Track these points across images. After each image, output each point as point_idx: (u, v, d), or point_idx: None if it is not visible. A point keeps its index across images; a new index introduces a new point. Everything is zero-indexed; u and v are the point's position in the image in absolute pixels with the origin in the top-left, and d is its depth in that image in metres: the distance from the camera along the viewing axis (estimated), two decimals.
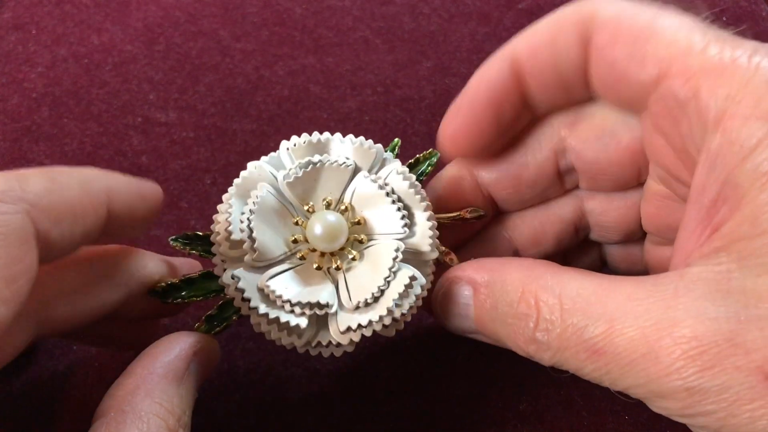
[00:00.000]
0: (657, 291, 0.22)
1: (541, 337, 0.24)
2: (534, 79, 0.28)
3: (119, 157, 0.41)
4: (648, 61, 0.25)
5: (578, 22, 0.26)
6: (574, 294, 0.23)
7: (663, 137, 0.26)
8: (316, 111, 0.43)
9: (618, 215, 0.31)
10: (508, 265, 0.26)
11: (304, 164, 0.27)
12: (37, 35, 0.46)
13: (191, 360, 0.25)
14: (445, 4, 0.48)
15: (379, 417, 0.33)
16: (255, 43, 0.46)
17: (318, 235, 0.26)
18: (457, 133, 0.29)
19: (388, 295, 0.26)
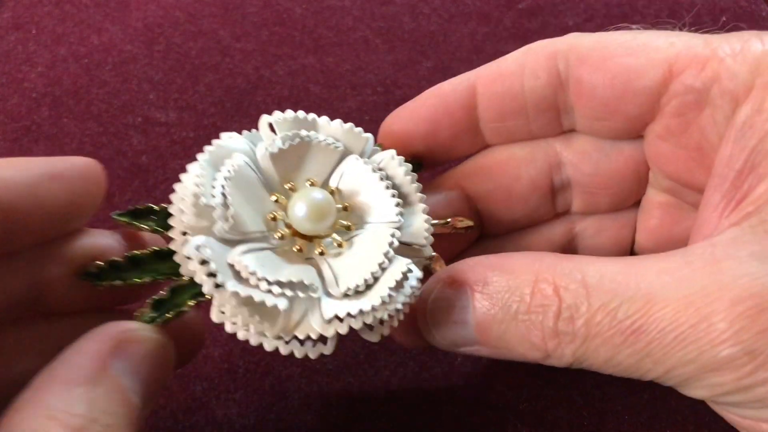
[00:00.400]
0: (692, 260, 0.21)
1: (565, 327, 0.21)
2: (488, 105, 0.28)
3: (119, 157, 0.41)
4: (649, 66, 0.25)
5: (549, 56, 0.27)
6: (598, 273, 0.21)
7: (672, 142, 0.25)
8: (316, 111, 0.43)
9: (611, 236, 0.30)
10: (509, 258, 0.23)
11: (290, 136, 0.24)
12: (37, 35, 0.46)
13: (113, 356, 0.20)
14: (445, 4, 0.48)
15: (379, 417, 0.33)
16: (255, 43, 0.46)
17: (302, 215, 0.23)
18: (395, 132, 0.28)
19: (383, 283, 0.22)
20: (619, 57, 0.25)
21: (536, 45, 0.27)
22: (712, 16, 0.48)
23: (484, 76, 0.28)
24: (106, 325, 0.21)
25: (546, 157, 0.29)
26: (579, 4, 0.48)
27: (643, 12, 0.48)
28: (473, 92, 0.28)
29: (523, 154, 0.29)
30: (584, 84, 0.26)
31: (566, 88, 0.27)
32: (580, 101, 0.27)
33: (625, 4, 0.48)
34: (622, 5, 0.48)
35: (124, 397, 0.20)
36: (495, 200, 0.29)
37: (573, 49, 0.26)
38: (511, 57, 0.28)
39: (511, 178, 0.29)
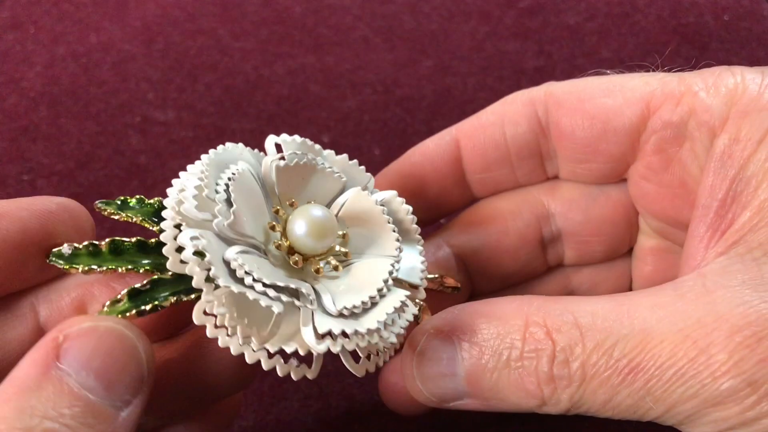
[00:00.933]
0: (684, 293, 0.20)
1: (560, 371, 0.21)
2: (472, 157, 0.28)
3: (118, 157, 0.41)
4: (627, 105, 0.25)
5: (527, 103, 0.27)
6: (590, 315, 0.21)
7: (656, 181, 0.26)
8: (315, 110, 0.43)
9: (608, 288, 0.30)
10: (497, 303, 0.22)
11: (298, 155, 0.23)
12: (35, 34, 0.46)
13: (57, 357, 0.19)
14: (445, 2, 0.48)
15: (379, 417, 0.33)
16: (254, 42, 0.46)
17: (301, 232, 0.22)
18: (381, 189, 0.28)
19: (381, 308, 0.22)
20: (596, 98, 0.26)
21: (513, 95, 0.28)
22: (713, 15, 0.48)
23: (465, 129, 0.28)
24: (53, 329, 0.20)
25: (532, 209, 0.29)
26: (580, 2, 0.48)
27: (644, 11, 0.48)
28: (457, 146, 0.28)
29: (509, 208, 0.29)
30: (564, 127, 0.27)
31: (547, 133, 0.28)
32: (561, 144, 0.27)
33: (626, 3, 0.48)
34: (623, 4, 0.48)
35: (71, 396, 0.19)
36: (484, 257, 0.29)
37: (550, 95, 0.27)
38: (489, 109, 0.28)
39: (498, 233, 0.29)
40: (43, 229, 0.22)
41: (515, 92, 0.28)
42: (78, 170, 0.40)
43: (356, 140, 0.42)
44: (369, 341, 0.21)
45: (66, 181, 0.40)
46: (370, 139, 0.42)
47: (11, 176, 0.40)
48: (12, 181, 0.40)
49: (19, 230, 0.22)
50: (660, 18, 0.47)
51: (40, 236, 0.22)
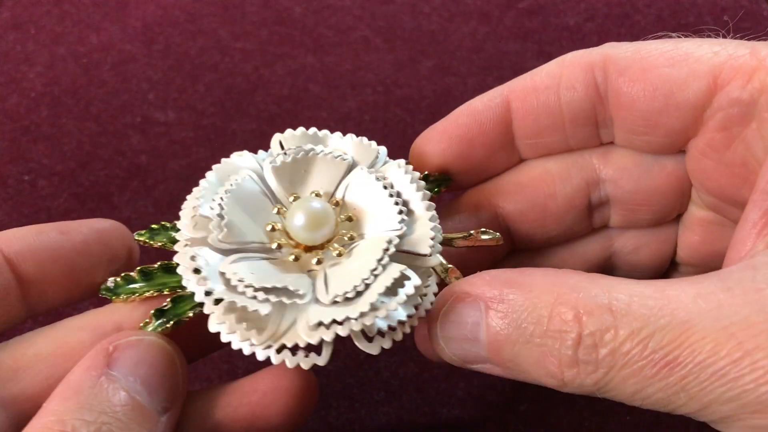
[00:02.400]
0: (731, 286, 0.19)
1: (586, 356, 0.19)
2: (523, 121, 0.27)
3: (118, 157, 0.41)
4: (692, 78, 0.23)
5: (585, 67, 0.26)
6: (626, 297, 0.19)
7: (715, 158, 0.24)
8: (316, 110, 0.43)
9: (651, 252, 0.29)
10: (528, 274, 0.22)
11: (294, 150, 0.24)
12: (36, 34, 0.46)
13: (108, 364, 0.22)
14: (445, 3, 0.48)
15: (379, 417, 0.33)
16: (254, 42, 0.46)
17: (299, 223, 0.23)
18: (428, 153, 0.27)
19: (373, 288, 0.22)
20: (660, 68, 0.24)
21: (570, 56, 0.26)
22: (713, 15, 0.48)
23: (517, 91, 0.27)
24: (103, 341, 0.23)
25: (583, 174, 0.28)
26: (580, 3, 0.48)
27: (644, 11, 0.48)
28: (507, 108, 0.27)
29: (558, 171, 0.28)
30: (623, 96, 0.25)
31: (605, 101, 0.26)
32: (620, 114, 0.26)
33: (626, 4, 0.48)
34: (623, 4, 0.48)
35: (123, 395, 0.22)
36: (528, 219, 0.28)
37: (611, 60, 0.25)
38: (544, 70, 0.27)
39: (545, 196, 0.28)
40: (101, 242, 0.26)
41: (572, 53, 0.27)
42: (78, 170, 0.40)
43: None
44: (363, 324, 0.21)
45: (66, 181, 0.40)
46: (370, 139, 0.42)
47: (12, 176, 0.40)
48: (12, 181, 0.40)
49: (81, 241, 0.25)
50: (660, 18, 0.47)
51: (98, 248, 0.26)
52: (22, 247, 0.24)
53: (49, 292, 0.25)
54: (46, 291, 0.25)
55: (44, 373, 0.24)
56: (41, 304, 0.25)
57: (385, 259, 0.22)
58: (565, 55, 0.27)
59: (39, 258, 0.24)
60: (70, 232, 0.25)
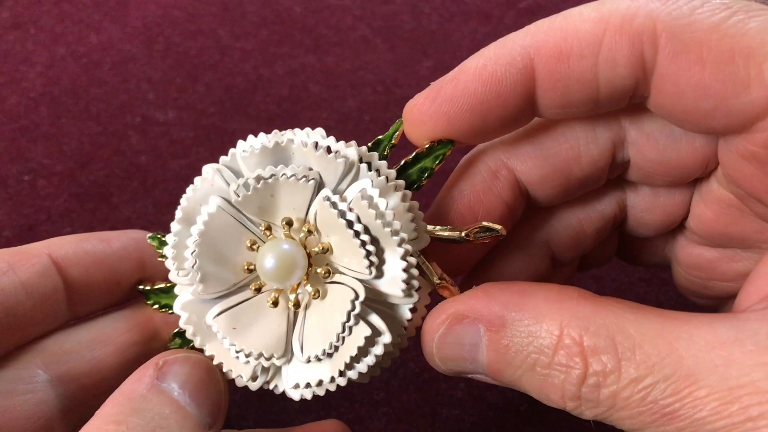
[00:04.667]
0: (744, 338, 0.18)
1: (588, 394, 0.19)
2: (550, 92, 0.23)
3: (118, 157, 0.41)
4: (754, 83, 0.20)
5: (633, 39, 0.21)
6: (633, 338, 0.19)
7: (758, 165, 0.22)
8: (315, 110, 0.43)
9: (662, 213, 0.27)
10: (530, 295, 0.20)
11: (253, 180, 0.22)
12: (36, 34, 0.46)
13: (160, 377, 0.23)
14: (445, 3, 0.48)
15: (379, 417, 0.33)
16: (254, 42, 0.46)
17: (268, 270, 0.22)
18: (426, 120, 0.24)
19: (342, 353, 0.22)
20: (718, 63, 0.20)
21: (614, 16, 0.21)
22: None
23: (545, 54, 0.22)
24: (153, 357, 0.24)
25: (610, 134, 0.25)
26: (580, 3, 0.48)
27: None
28: (531, 74, 0.22)
29: (583, 130, 0.25)
30: (670, 85, 0.21)
31: (649, 78, 0.22)
32: (662, 100, 0.22)
33: None
34: None
35: (173, 404, 0.23)
36: (550, 185, 0.25)
37: (663, 31, 0.21)
38: (580, 29, 0.22)
39: (569, 159, 0.25)
40: (137, 249, 0.28)
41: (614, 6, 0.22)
42: (78, 170, 0.40)
43: (356, 140, 0.42)
44: (338, 385, 0.23)
45: (66, 181, 0.40)
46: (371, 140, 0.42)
47: (11, 176, 0.40)
48: (12, 181, 0.40)
49: (120, 248, 0.28)
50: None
51: (135, 255, 0.28)
52: (68, 252, 0.27)
53: (92, 295, 0.27)
54: (89, 294, 0.27)
55: (87, 356, 0.26)
56: (84, 306, 0.27)
57: (350, 321, 0.22)
58: (605, 9, 0.22)
59: (84, 263, 0.27)
60: (111, 241, 0.28)
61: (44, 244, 0.27)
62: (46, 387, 0.26)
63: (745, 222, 0.25)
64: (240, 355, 0.23)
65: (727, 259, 0.26)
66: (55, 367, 0.26)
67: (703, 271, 0.27)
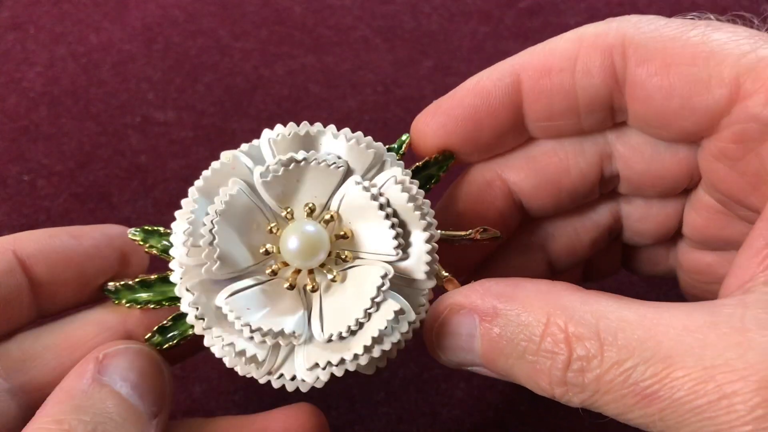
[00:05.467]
0: (719, 322, 0.19)
1: (574, 378, 0.20)
2: (535, 104, 0.25)
3: (118, 157, 0.41)
4: (714, 82, 0.22)
5: (605, 52, 0.24)
6: (614, 325, 0.20)
7: (729, 164, 0.24)
8: (315, 110, 0.43)
9: (657, 222, 0.28)
10: (521, 288, 0.22)
11: (285, 161, 0.23)
12: (36, 34, 0.46)
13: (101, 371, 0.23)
14: (445, 3, 0.48)
15: (379, 417, 0.33)
16: (254, 42, 0.46)
17: (293, 249, 0.23)
18: (429, 132, 0.26)
19: (367, 329, 0.22)
20: (681, 65, 0.23)
21: (588, 35, 0.25)
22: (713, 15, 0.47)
23: (529, 70, 0.25)
24: (92, 351, 0.24)
25: (596, 148, 0.27)
26: (580, 3, 0.48)
27: (644, 11, 0.48)
28: (518, 89, 0.25)
29: (571, 144, 0.27)
30: (639, 89, 0.24)
31: (622, 88, 0.25)
32: (634, 105, 0.25)
33: (626, 4, 0.48)
34: (623, 4, 0.48)
35: (116, 398, 0.22)
36: (542, 195, 0.27)
37: (631, 45, 0.24)
38: (559, 48, 0.25)
39: (559, 171, 0.27)
40: (111, 247, 0.26)
41: (589, 28, 0.25)
42: (78, 170, 0.40)
43: None
44: (358, 364, 0.22)
45: (66, 181, 0.40)
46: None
47: (11, 176, 0.40)
48: (12, 181, 0.40)
49: (92, 246, 0.26)
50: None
51: (109, 253, 0.26)
52: (35, 249, 0.25)
53: (59, 295, 0.26)
54: (56, 293, 0.25)
55: (52, 363, 0.25)
56: (51, 305, 0.26)
57: (379, 296, 0.22)
58: (582, 31, 0.25)
59: (51, 261, 0.25)
60: (82, 237, 0.26)
61: (10, 240, 0.25)
62: (6, 397, 0.24)
63: (734, 226, 0.26)
64: (256, 335, 0.22)
65: (726, 263, 0.27)
66: (17, 376, 0.24)
67: (705, 275, 0.28)
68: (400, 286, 0.23)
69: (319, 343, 0.22)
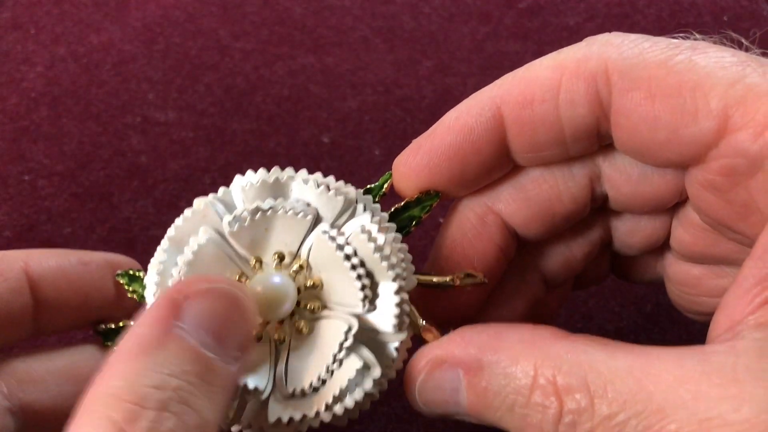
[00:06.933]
0: (711, 372, 0.19)
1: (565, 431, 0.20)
2: (520, 136, 0.25)
3: (118, 157, 0.41)
4: (701, 115, 0.21)
5: (588, 80, 0.23)
6: (603, 377, 0.19)
7: (716, 194, 0.23)
8: (315, 111, 0.43)
9: (645, 235, 0.28)
10: (504, 337, 0.21)
11: (251, 210, 0.23)
12: (36, 35, 0.46)
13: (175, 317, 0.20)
14: (445, 3, 0.48)
15: (378, 417, 0.33)
16: (254, 42, 0.46)
17: (257, 301, 0.22)
18: (411, 173, 0.25)
19: (330, 387, 0.22)
20: (667, 96, 0.22)
21: (570, 61, 0.24)
22: (713, 15, 0.48)
23: (510, 102, 0.24)
24: (167, 289, 0.21)
25: (586, 171, 0.26)
26: (580, 3, 0.48)
27: (644, 12, 0.48)
28: (500, 121, 0.24)
29: (560, 171, 0.26)
30: (624, 119, 0.23)
31: (608, 115, 0.24)
32: (619, 134, 0.24)
33: (626, 4, 0.48)
34: (623, 4, 0.48)
35: (193, 354, 0.20)
36: (536, 225, 0.27)
37: (615, 71, 0.23)
38: (540, 76, 0.24)
39: (551, 199, 0.26)
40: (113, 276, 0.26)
41: (568, 51, 0.24)
42: (78, 170, 0.40)
43: (356, 141, 0.42)
44: (322, 421, 0.22)
45: (66, 181, 0.40)
46: (371, 140, 0.42)
47: (11, 176, 0.40)
48: (12, 181, 0.40)
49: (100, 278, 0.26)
50: (660, 18, 0.47)
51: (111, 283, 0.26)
52: (46, 271, 0.25)
53: (60, 319, 0.26)
54: (58, 317, 0.26)
55: (54, 390, 0.25)
56: (49, 326, 0.26)
57: (341, 353, 0.22)
58: (562, 57, 0.24)
59: (59, 284, 0.25)
60: (91, 264, 0.26)
61: (22, 256, 0.25)
62: (6, 414, 0.24)
63: (723, 243, 0.26)
64: None
65: (714, 276, 0.27)
66: (18, 396, 0.24)
67: (692, 288, 0.28)
68: (371, 337, 0.23)
69: (283, 398, 0.22)
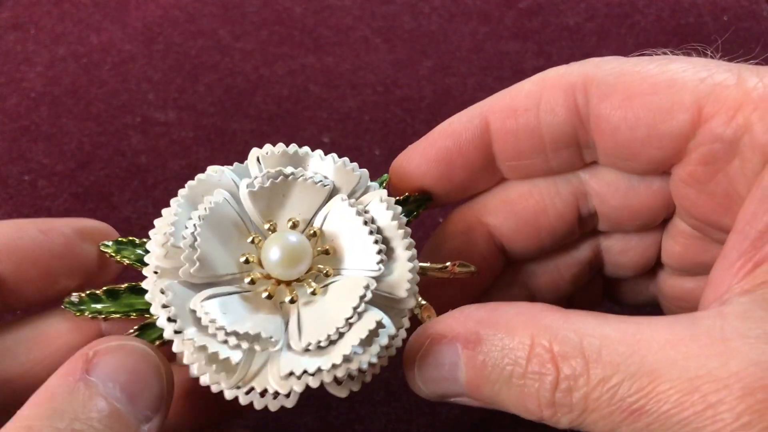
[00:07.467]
0: (700, 333, 0.19)
1: (562, 399, 0.20)
2: (503, 144, 0.26)
3: (118, 157, 0.41)
4: (676, 108, 0.23)
5: (566, 89, 0.25)
6: (597, 342, 0.20)
7: (699, 187, 0.24)
8: (315, 111, 0.43)
9: (636, 254, 0.29)
10: (501, 311, 0.22)
11: (273, 174, 0.23)
12: (36, 35, 0.46)
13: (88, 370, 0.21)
14: (445, 3, 0.48)
15: (378, 417, 0.33)
16: (254, 42, 0.46)
17: (274, 258, 0.22)
18: (405, 175, 0.27)
19: (347, 339, 0.21)
20: (643, 95, 0.24)
21: (551, 76, 0.26)
22: (713, 15, 0.48)
23: (496, 112, 0.26)
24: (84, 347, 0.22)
25: (570, 188, 0.28)
26: (580, 3, 0.48)
27: (644, 11, 0.48)
28: (486, 129, 0.26)
29: (546, 186, 0.28)
30: (605, 123, 0.25)
31: (586, 125, 0.25)
32: (601, 140, 0.25)
33: (626, 4, 0.48)
34: (623, 4, 0.48)
35: (102, 403, 0.20)
36: (522, 237, 0.28)
37: (593, 83, 0.25)
38: (524, 90, 0.26)
39: (536, 212, 0.28)
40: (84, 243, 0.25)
41: (553, 70, 0.26)
42: (78, 170, 0.40)
43: (356, 140, 0.42)
44: (335, 375, 0.21)
45: (66, 181, 0.40)
46: (371, 140, 0.42)
47: (12, 176, 0.40)
48: (12, 181, 0.40)
49: (62, 243, 0.25)
50: (660, 18, 0.47)
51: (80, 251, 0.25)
52: (1, 245, 0.24)
53: (24, 292, 0.25)
54: (21, 290, 0.25)
55: (22, 356, 0.24)
56: (16, 302, 0.25)
57: (361, 306, 0.22)
58: (545, 73, 0.26)
59: (16, 258, 0.24)
60: (52, 232, 0.25)
61: None
62: None
63: (711, 250, 0.26)
64: (230, 339, 0.21)
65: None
66: None
67: (686, 301, 0.29)
68: (381, 304, 0.23)
69: (296, 351, 0.21)
